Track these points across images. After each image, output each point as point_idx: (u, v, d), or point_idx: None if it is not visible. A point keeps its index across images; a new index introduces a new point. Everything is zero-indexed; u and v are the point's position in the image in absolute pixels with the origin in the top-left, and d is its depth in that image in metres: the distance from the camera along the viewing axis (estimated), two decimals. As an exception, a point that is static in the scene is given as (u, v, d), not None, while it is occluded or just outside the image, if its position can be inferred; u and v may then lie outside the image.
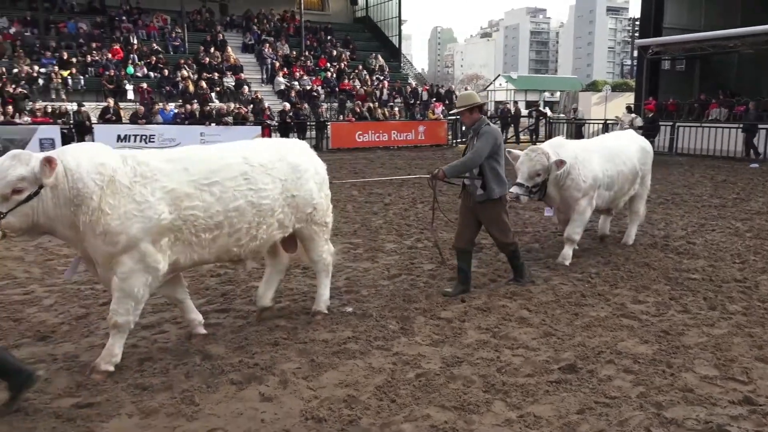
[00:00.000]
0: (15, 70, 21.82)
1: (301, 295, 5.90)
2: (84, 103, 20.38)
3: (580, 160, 6.85)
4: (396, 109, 26.08)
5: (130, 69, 24.33)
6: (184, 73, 24.41)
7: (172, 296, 4.80)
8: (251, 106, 22.95)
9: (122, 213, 3.99)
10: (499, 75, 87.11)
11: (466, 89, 19.64)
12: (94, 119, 19.82)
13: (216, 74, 25.35)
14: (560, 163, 6.50)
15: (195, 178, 4.29)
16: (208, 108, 21.82)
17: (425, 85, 30.62)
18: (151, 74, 24.63)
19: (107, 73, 23.30)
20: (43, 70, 22.42)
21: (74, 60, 23.58)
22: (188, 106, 21.44)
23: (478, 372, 4.17)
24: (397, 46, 33.31)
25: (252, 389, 3.92)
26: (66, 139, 18.23)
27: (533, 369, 4.21)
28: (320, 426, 3.48)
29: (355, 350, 4.53)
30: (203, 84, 24.09)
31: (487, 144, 5.63)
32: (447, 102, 28.03)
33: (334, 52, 30.12)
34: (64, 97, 21.91)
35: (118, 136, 19.15)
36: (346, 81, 27.85)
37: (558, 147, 6.81)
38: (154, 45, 26.26)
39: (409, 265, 6.94)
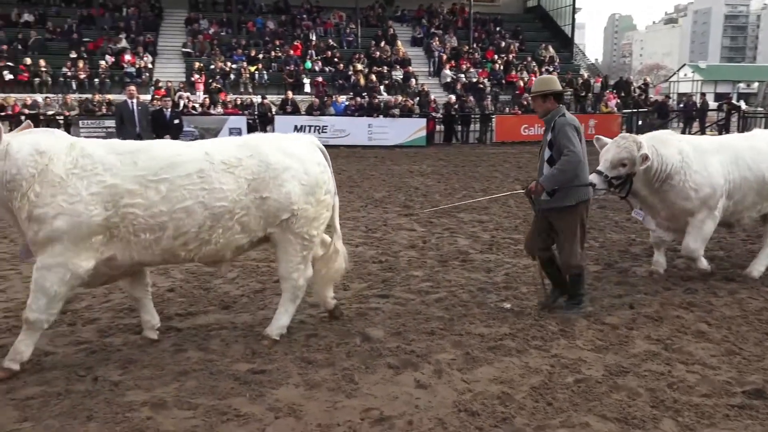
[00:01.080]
0: (212, 66, 24.43)
1: (459, 287, 5.91)
2: (267, 96, 22.23)
3: (688, 163, 5.68)
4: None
5: (308, 64, 26.04)
6: (357, 66, 25.56)
7: (130, 293, 4.63)
8: (417, 98, 23.38)
9: (48, 203, 3.81)
10: (684, 64, 79.49)
11: (636, 78, 18.17)
12: (275, 111, 21.53)
13: (385, 68, 26.19)
14: (644, 158, 5.45)
15: (142, 174, 3.99)
16: (377, 100, 22.62)
17: (598, 77, 28.92)
18: (327, 69, 26.14)
19: (288, 68, 25.17)
20: (234, 66, 24.84)
21: (260, 56, 25.80)
22: (358, 99, 22.41)
23: (646, 385, 3.87)
24: (569, 35, 31.83)
25: (408, 375, 4.01)
26: (251, 129, 20.06)
27: (711, 389, 3.81)
28: (473, 419, 3.47)
29: (512, 348, 4.44)
30: (373, 77, 25.03)
31: (572, 135, 4.79)
32: (623, 94, 26.23)
33: (503, 44, 29.60)
34: (250, 90, 24.08)
35: (295, 126, 20.59)
36: (514, 73, 27.24)
37: (659, 142, 5.72)
38: (330, 41, 27.82)
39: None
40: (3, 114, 19.05)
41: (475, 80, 26.05)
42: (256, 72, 24.94)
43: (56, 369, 4.05)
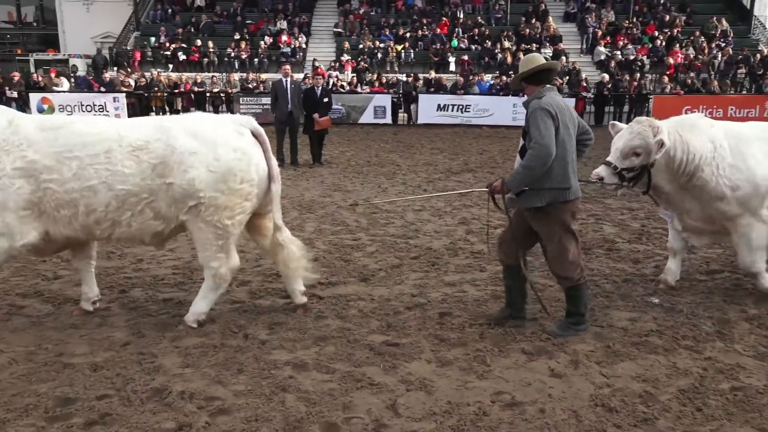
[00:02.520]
0: (360, 46, 25.10)
1: (602, 276, 5.62)
2: (411, 75, 22.43)
3: (722, 154, 4.68)
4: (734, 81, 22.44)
5: (455, 42, 25.82)
6: (505, 44, 24.91)
7: (74, 263, 4.75)
8: (567, 77, 22.29)
9: None
10: None
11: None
12: (419, 89, 21.67)
13: (534, 45, 25.23)
14: (660, 144, 4.54)
15: (59, 150, 4.02)
16: (523, 79, 21.87)
17: (781, 52, 25.56)
18: (473, 47, 25.75)
19: (434, 46, 25.16)
20: (381, 45, 25.31)
21: (407, 35, 26.03)
22: (504, 78, 21.86)
23: (818, 402, 3.43)
24: (747, 6, 28.41)
25: (542, 362, 3.91)
26: (394, 107, 20.43)
27: None
28: (610, 416, 3.31)
29: (658, 345, 4.15)
30: (521, 55, 24.24)
31: (542, 123, 3.90)
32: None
33: (666, 18, 27.17)
34: (396, 68, 24.43)
35: (438, 105, 20.63)
36: (677, 48, 24.95)
37: (686, 127, 4.75)
38: (479, 18, 27.31)
39: (735, 261, 6.01)
40: (176, 91, 21.08)
41: (632, 57, 24.25)
42: (403, 51, 25.22)
43: (214, 324, 4.47)
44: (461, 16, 27.58)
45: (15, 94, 20.25)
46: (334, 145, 14.77)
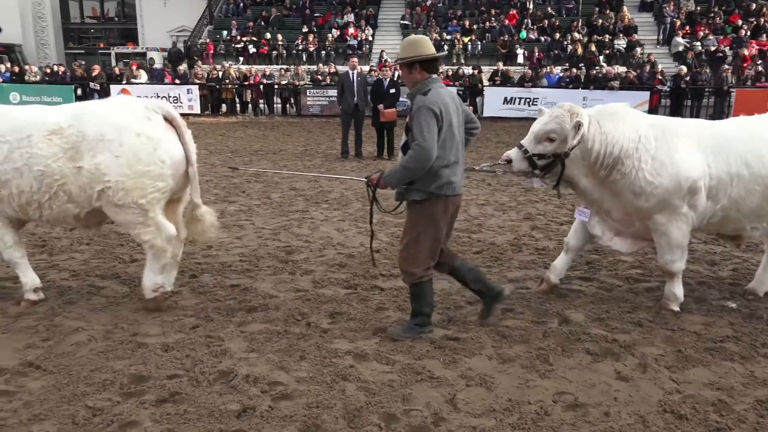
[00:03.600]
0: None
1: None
2: (478, 67, 22.15)
3: (646, 146, 4.31)
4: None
5: (523, 33, 25.29)
6: (575, 36, 24.19)
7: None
8: (640, 69, 21.42)
9: None
10: None
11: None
12: (486, 82, 21.38)
13: (607, 36, 24.37)
14: (576, 126, 4.25)
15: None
16: (594, 71, 21.22)
17: None
18: (542, 38, 25.14)
19: (501, 38, 24.72)
20: (448, 37, 25.10)
21: (475, 27, 25.69)
22: (574, 70, 21.24)
23: None
24: None
25: (607, 364, 3.79)
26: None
27: None
28: (680, 423, 3.17)
29: (735, 352, 3.94)
30: (592, 47, 23.48)
31: (427, 127, 3.72)
32: None
33: (752, 6, 25.62)
34: (462, 61, 24.18)
35: (505, 98, 20.30)
36: (765, 39, 23.49)
37: (607, 115, 4.41)
38: (549, 9, 26.62)
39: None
40: (246, 83, 21.64)
41: (713, 48, 23.02)
42: (469, 42, 24.92)
43: (278, 311, 4.58)
44: (531, 6, 26.96)
45: (97, 86, 21.34)
46: (397, 138, 14.79)
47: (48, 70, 23.73)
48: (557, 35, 24.71)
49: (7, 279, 5.16)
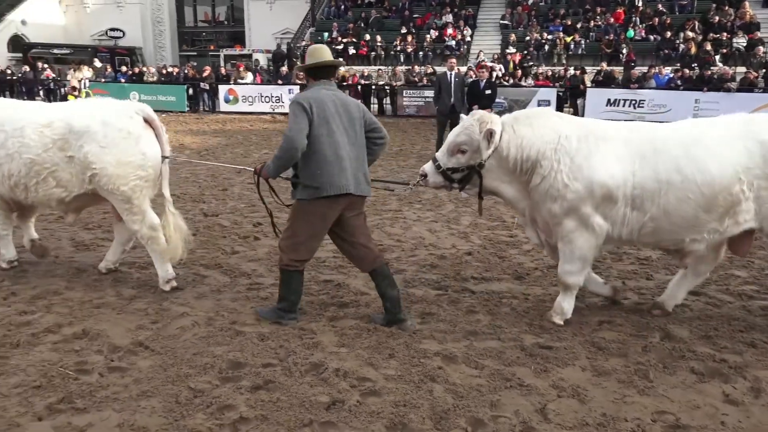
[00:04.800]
0: (527, 38, 24.42)
1: (796, 297, 4.94)
2: (580, 68, 21.36)
3: (566, 148, 4.05)
4: None
5: (630, 32, 24.12)
6: (689, 34, 22.75)
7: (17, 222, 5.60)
8: (763, 70, 19.80)
9: None
10: None
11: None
12: (588, 83, 20.59)
13: (724, 34, 22.74)
14: (488, 135, 4.10)
15: None
16: (709, 72, 19.85)
17: None
18: (651, 37, 23.86)
19: (607, 37, 23.72)
20: (549, 36, 24.40)
21: (578, 26, 24.81)
22: (685, 71, 19.98)
23: None
24: None
25: (714, 386, 3.54)
26: (559, 101, 19.61)
27: None
28: (797, 456, 2.91)
29: None
30: (707, 46, 21.99)
31: (294, 119, 3.95)
32: None
33: None
34: (564, 61, 23.42)
35: (608, 100, 19.43)
36: None
37: (525, 119, 4.24)
38: (659, 6, 25.22)
39: None
40: (344, 83, 22.13)
41: None
42: (572, 42, 24.10)
43: (369, 308, 4.65)
44: (640, 4, 25.65)
45: (207, 86, 22.61)
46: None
47: (164, 71, 25.44)
48: (668, 34, 23.35)
49: (123, 264, 5.57)
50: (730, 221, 4.07)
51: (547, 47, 24.00)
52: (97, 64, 26.00)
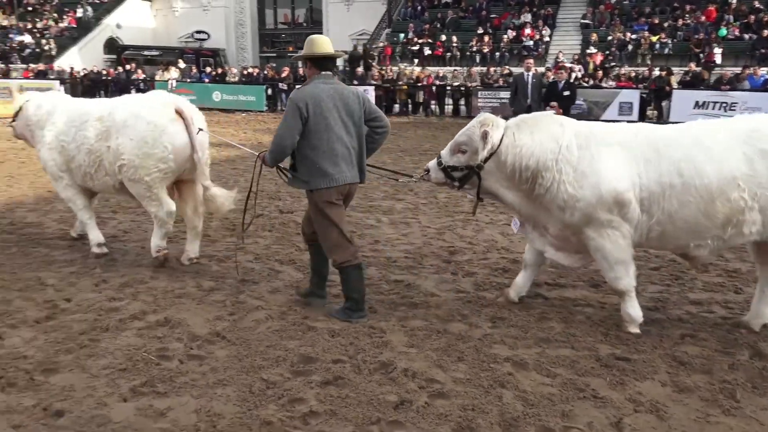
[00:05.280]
0: (609, 38, 23.58)
1: None
2: (666, 68, 20.40)
3: (567, 157, 4.02)
4: None
5: (723, 31, 22.82)
6: (788, 32, 21.31)
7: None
8: None
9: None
10: None
11: None
12: (675, 85, 19.63)
13: (831, 32, 21.14)
14: (483, 136, 4.13)
15: (68, 120, 5.65)
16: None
17: None
18: (746, 36, 22.48)
19: (696, 36, 22.54)
20: (633, 36, 23.46)
21: (665, 24, 23.72)
22: (784, 71, 18.71)
23: None
24: None
25: (810, 410, 3.29)
26: (643, 104, 18.81)
27: None
28: None
29: None
30: (810, 45, 20.51)
31: (287, 113, 4.18)
32: None
33: None
34: (648, 62, 22.46)
35: (696, 102, 18.44)
36: None
37: (525, 125, 4.21)
38: (755, 3, 23.71)
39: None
40: (419, 84, 22.14)
41: None
42: (658, 42, 23.07)
43: (439, 309, 4.63)
44: (733, 0, 24.21)
45: (285, 87, 23.22)
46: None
47: (245, 72, 26.33)
48: (765, 32, 21.92)
49: (203, 256, 5.81)
50: (733, 231, 3.95)
51: (630, 47, 23.09)
52: (181, 65, 27.26)
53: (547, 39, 25.42)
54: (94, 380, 3.56)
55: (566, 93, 12.00)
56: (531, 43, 24.88)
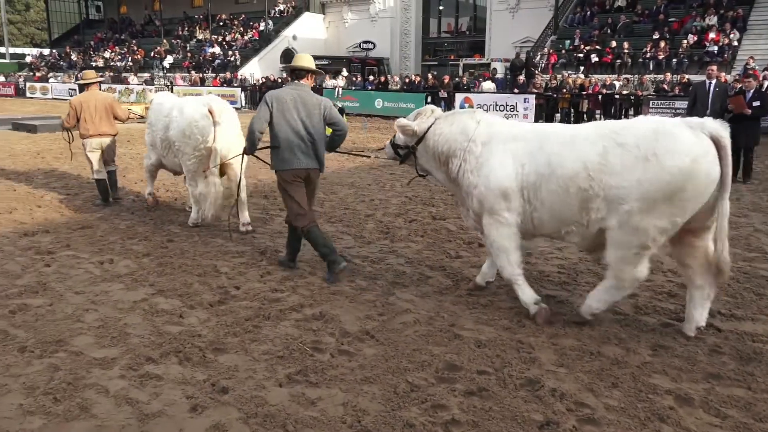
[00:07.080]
0: None
1: None
2: None
3: (472, 149, 4.62)
4: None
5: None
6: None
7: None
8: None
9: None
10: None
11: None
12: None
13: None
14: (401, 125, 5.00)
15: (163, 115, 7.27)
16: None
17: None
18: None
19: None
20: None
21: None
22: None
23: None
24: None
25: None
26: None
27: None
28: None
29: None
30: None
31: (258, 109, 5.30)
32: None
33: None
34: None
35: None
36: None
37: (451, 116, 4.91)
38: None
39: None
40: (583, 93, 21.14)
41: None
42: None
43: (593, 330, 4.38)
44: None
45: (444, 94, 23.45)
46: (759, 159, 12.63)
47: (406, 80, 27.02)
48: None
49: (357, 257, 6.05)
50: (587, 217, 4.18)
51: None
52: (344, 73, 28.60)
53: (735, 43, 22.94)
54: (255, 363, 3.86)
55: (756, 103, 10.73)
56: (715, 48, 22.62)
